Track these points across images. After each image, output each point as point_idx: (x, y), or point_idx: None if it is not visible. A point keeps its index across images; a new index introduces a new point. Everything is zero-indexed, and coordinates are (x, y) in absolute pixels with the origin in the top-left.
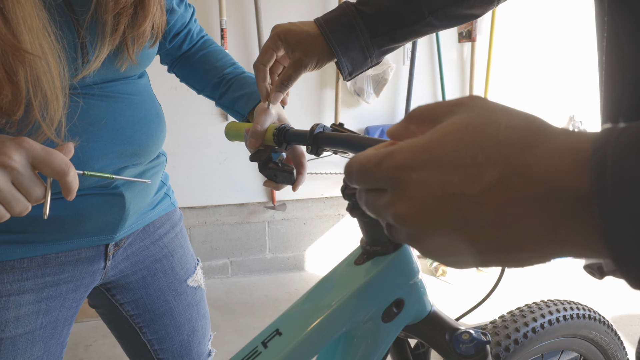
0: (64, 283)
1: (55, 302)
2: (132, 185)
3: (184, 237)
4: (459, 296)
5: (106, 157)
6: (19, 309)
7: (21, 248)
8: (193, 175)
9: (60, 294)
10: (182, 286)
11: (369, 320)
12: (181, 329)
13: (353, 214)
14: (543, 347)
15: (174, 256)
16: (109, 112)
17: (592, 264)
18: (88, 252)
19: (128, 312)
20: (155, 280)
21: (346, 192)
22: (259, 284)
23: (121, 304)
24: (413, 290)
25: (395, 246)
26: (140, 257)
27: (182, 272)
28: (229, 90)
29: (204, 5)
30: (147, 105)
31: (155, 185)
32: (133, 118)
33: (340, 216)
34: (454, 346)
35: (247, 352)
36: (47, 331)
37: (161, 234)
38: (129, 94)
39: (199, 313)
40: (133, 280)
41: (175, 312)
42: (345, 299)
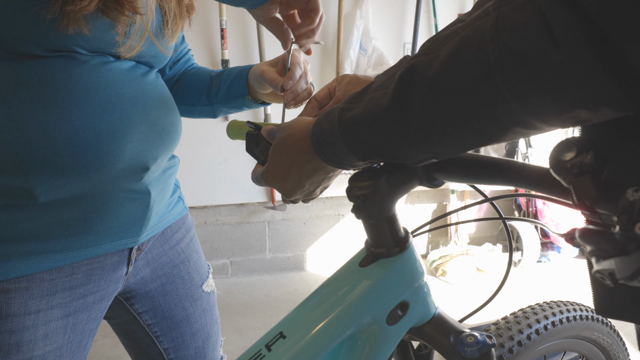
0: (91, 294)
1: (82, 315)
2: (158, 183)
3: (197, 241)
4: (459, 296)
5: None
6: (47, 325)
7: (50, 258)
8: (193, 175)
9: (87, 306)
10: (198, 292)
11: (373, 323)
12: (197, 335)
13: (359, 215)
14: (546, 348)
15: (190, 261)
16: (141, 92)
17: (604, 270)
18: (113, 257)
19: (146, 321)
20: (174, 287)
21: (352, 194)
22: (259, 284)
23: (139, 313)
24: (418, 293)
25: (401, 248)
26: (160, 264)
27: (198, 277)
28: (220, 86)
29: (204, 5)
30: (168, 95)
31: (169, 189)
32: (159, 101)
33: (340, 216)
34: (458, 349)
35: (250, 355)
36: (74, 345)
37: (178, 239)
38: (156, 82)
39: (213, 318)
40: (152, 289)
41: (192, 318)
42: (349, 302)
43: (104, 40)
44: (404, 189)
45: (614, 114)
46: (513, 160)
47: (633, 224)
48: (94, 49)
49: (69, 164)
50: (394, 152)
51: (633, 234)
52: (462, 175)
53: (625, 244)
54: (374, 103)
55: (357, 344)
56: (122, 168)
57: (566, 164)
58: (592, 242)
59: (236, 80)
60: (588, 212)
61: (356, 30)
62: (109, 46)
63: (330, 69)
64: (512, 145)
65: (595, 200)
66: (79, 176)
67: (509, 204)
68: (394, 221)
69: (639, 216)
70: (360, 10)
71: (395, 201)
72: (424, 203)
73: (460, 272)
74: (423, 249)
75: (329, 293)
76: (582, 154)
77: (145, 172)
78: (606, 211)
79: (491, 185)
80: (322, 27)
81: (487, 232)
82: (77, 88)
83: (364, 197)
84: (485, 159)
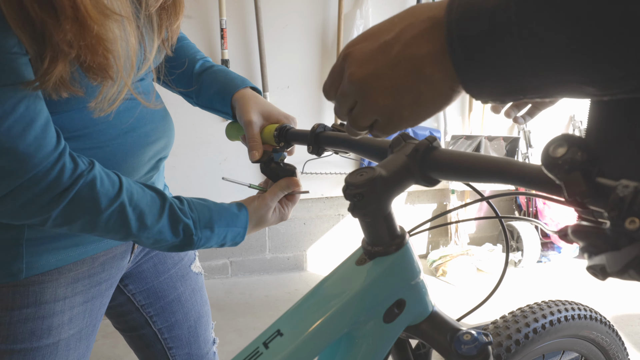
0: (104, 281)
1: (97, 301)
2: (160, 178)
3: None
4: (459, 296)
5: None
6: (72, 310)
7: (75, 251)
8: (193, 175)
9: (101, 292)
10: (187, 272)
11: (370, 321)
12: (189, 315)
13: (355, 214)
14: (544, 347)
15: None
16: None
17: (595, 265)
18: (121, 247)
19: (139, 301)
20: (165, 267)
21: (348, 192)
22: (259, 284)
23: (133, 294)
24: (414, 291)
25: (397, 246)
26: None
27: (187, 258)
28: (202, 88)
29: (204, 5)
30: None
31: (162, 181)
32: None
33: (340, 216)
34: (455, 347)
35: (248, 352)
36: (90, 328)
37: None
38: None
39: (202, 299)
40: (145, 269)
41: (183, 297)
42: (346, 300)
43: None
44: (400, 187)
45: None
46: (507, 159)
47: (623, 219)
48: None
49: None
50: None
51: (623, 229)
52: (457, 173)
53: (616, 239)
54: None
55: (354, 341)
56: (140, 174)
57: (557, 161)
58: (584, 238)
59: (218, 97)
60: (579, 208)
61: (356, 30)
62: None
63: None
64: (512, 145)
65: (586, 196)
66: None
67: (509, 204)
68: (390, 220)
69: (628, 211)
70: (360, 10)
71: (391, 200)
72: (424, 203)
73: (461, 272)
74: (423, 249)
75: (326, 291)
76: (573, 151)
77: (154, 174)
78: (597, 207)
79: (488, 184)
80: (322, 27)
81: (487, 232)
82: (102, 119)
83: (360, 195)
84: (479, 158)
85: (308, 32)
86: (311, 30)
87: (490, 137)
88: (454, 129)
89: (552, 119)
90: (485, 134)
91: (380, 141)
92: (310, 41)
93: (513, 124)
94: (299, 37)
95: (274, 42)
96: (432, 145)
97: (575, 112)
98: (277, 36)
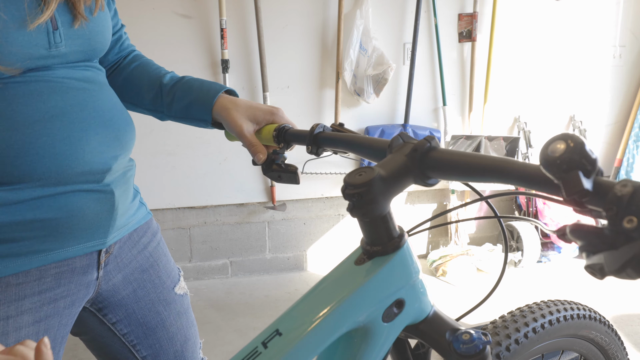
0: (61, 298)
1: (53, 321)
2: (120, 183)
3: (164, 245)
4: (459, 296)
5: (94, 139)
6: (18, 332)
7: (15, 261)
8: (193, 175)
9: (57, 311)
10: (170, 295)
11: (369, 320)
12: (174, 339)
13: (353, 214)
14: (543, 347)
15: (159, 265)
16: (88, 95)
17: (594, 264)
18: (82, 260)
19: (120, 330)
20: (146, 292)
21: (346, 192)
22: (259, 284)
23: (113, 323)
24: (413, 291)
25: (396, 246)
26: (130, 269)
27: (169, 280)
28: (175, 99)
29: (204, 5)
30: (115, 94)
31: (130, 191)
32: (109, 102)
33: (340, 216)
34: (454, 346)
35: (247, 352)
36: None
37: (145, 243)
38: (100, 81)
39: (189, 321)
40: (124, 295)
41: (167, 322)
42: (345, 300)
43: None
44: (399, 187)
45: None
46: (506, 158)
47: (621, 219)
48: (20, 67)
49: (27, 171)
50: None
51: (621, 228)
52: (456, 173)
53: (614, 238)
54: None
55: (353, 341)
56: (83, 170)
57: (555, 160)
58: (582, 238)
59: (197, 104)
60: (577, 207)
61: (356, 30)
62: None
63: (330, 69)
64: (512, 145)
65: (584, 196)
66: (39, 181)
67: (509, 204)
68: (388, 219)
69: (626, 210)
70: (360, 10)
71: (390, 200)
72: (424, 203)
73: (461, 272)
74: (423, 249)
75: (324, 291)
76: (571, 150)
77: (107, 172)
78: (595, 206)
79: (487, 184)
80: (322, 27)
81: (487, 232)
82: (16, 99)
83: (359, 195)
84: (478, 157)
85: (308, 32)
86: (311, 30)
87: (490, 137)
88: (454, 129)
89: (552, 119)
90: (485, 134)
91: (379, 141)
92: (310, 41)
93: (513, 124)
94: (299, 37)
95: (274, 42)
96: (431, 145)
97: (575, 112)
98: (277, 36)
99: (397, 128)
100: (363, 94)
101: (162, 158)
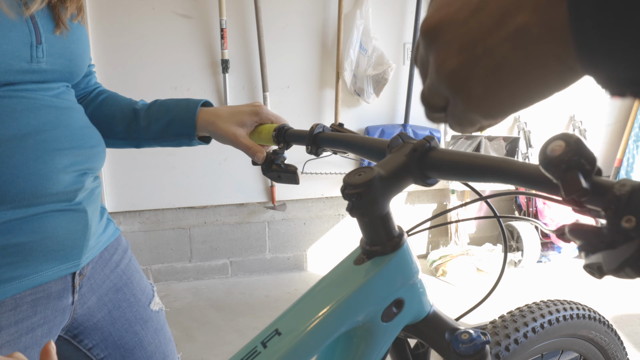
0: (38, 327)
1: (33, 352)
2: (90, 201)
3: (136, 261)
4: (459, 296)
5: (66, 158)
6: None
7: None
8: (193, 175)
9: (36, 341)
10: (147, 312)
11: (368, 320)
12: (152, 358)
13: (353, 213)
14: (543, 347)
15: (132, 282)
16: (60, 113)
17: (592, 264)
18: (57, 285)
19: (97, 355)
20: (121, 312)
21: (346, 192)
22: (259, 284)
23: (89, 348)
24: (413, 290)
25: (395, 246)
26: (104, 290)
27: (144, 297)
28: (153, 120)
29: (204, 5)
30: (84, 115)
31: (99, 209)
32: (81, 121)
33: (340, 216)
34: (453, 346)
35: (246, 352)
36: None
37: (117, 260)
38: (71, 100)
39: (166, 337)
40: (100, 318)
41: (145, 341)
42: (344, 299)
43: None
44: (398, 187)
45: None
46: (505, 158)
47: (620, 218)
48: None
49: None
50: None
51: (620, 227)
52: (455, 173)
53: (613, 238)
54: None
55: (352, 341)
56: (57, 190)
57: (554, 160)
58: (580, 237)
59: (177, 121)
60: (576, 207)
61: (356, 30)
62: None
63: (330, 68)
64: (512, 145)
65: (583, 195)
66: (11, 203)
67: (509, 204)
68: (388, 219)
69: (625, 210)
70: (360, 10)
71: (390, 200)
72: (424, 203)
73: (461, 272)
74: (423, 249)
75: (324, 291)
76: (570, 150)
77: (79, 190)
78: (594, 206)
79: (487, 184)
80: (322, 27)
81: (487, 232)
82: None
83: (358, 195)
84: (478, 157)
85: (308, 32)
86: (311, 30)
87: (490, 137)
88: None
89: (552, 119)
90: (485, 134)
91: (379, 141)
92: (310, 41)
93: (513, 124)
94: (299, 37)
95: (274, 42)
96: (431, 145)
97: (575, 112)
98: (277, 36)
99: (397, 128)
100: (363, 94)
101: (162, 158)
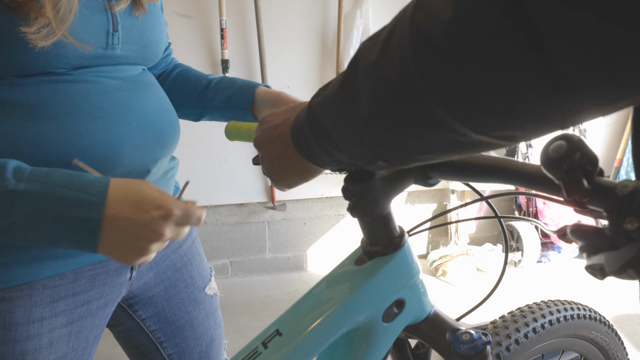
0: (94, 300)
1: (86, 322)
2: (162, 182)
3: (199, 244)
4: (459, 296)
5: (134, 142)
6: (52, 333)
7: (52, 264)
8: (193, 175)
9: (90, 313)
10: (200, 295)
11: (369, 320)
12: (200, 339)
13: (354, 214)
14: (543, 347)
15: (192, 264)
16: (132, 96)
17: (594, 265)
18: (116, 262)
19: (149, 327)
20: (177, 291)
21: (347, 193)
22: (259, 284)
23: (143, 319)
24: (413, 291)
25: (396, 246)
26: (162, 267)
27: (201, 280)
28: (218, 93)
29: (204, 5)
30: (163, 94)
31: (171, 189)
32: (155, 103)
33: (340, 216)
34: (454, 347)
35: (247, 352)
36: (78, 353)
37: (180, 241)
38: (147, 82)
39: (216, 322)
40: (155, 293)
41: (195, 322)
42: (345, 300)
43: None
44: (399, 187)
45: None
46: (507, 158)
47: (622, 219)
48: (73, 65)
49: None
50: (350, 147)
51: (622, 229)
52: (456, 173)
53: (615, 239)
54: (331, 88)
55: (353, 341)
56: (123, 173)
57: (556, 160)
58: (582, 238)
59: (239, 92)
60: (578, 207)
61: (356, 30)
62: (88, 57)
63: (330, 69)
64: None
65: (585, 196)
66: None
67: (509, 204)
68: (389, 220)
69: (627, 211)
70: (360, 10)
71: (390, 200)
72: (424, 203)
73: (461, 272)
74: (423, 249)
75: (325, 291)
76: (572, 150)
77: (147, 175)
78: (596, 207)
79: (488, 184)
80: (322, 27)
81: (487, 232)
82: (64, 99)
83: (359, 195)
84: (478, 157)
85: (308, 32)
86: (311, 30)
87: None
88: None
89: None
90: None
91: None
92: (310, 41)
93: None
94: (299, 37)
95: (274, 42)
96: None
97: None
98: (277, 36)
99: None
100: None
101: None
